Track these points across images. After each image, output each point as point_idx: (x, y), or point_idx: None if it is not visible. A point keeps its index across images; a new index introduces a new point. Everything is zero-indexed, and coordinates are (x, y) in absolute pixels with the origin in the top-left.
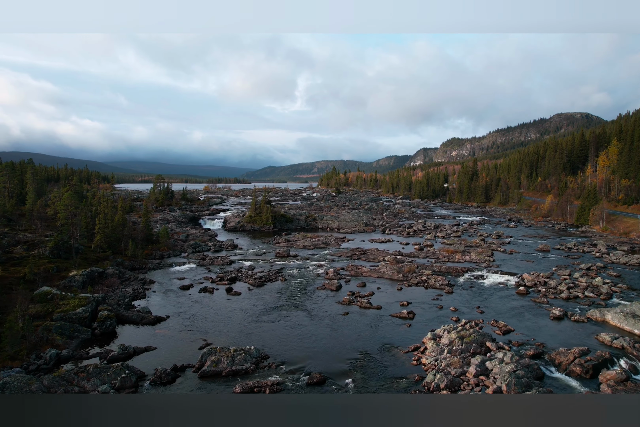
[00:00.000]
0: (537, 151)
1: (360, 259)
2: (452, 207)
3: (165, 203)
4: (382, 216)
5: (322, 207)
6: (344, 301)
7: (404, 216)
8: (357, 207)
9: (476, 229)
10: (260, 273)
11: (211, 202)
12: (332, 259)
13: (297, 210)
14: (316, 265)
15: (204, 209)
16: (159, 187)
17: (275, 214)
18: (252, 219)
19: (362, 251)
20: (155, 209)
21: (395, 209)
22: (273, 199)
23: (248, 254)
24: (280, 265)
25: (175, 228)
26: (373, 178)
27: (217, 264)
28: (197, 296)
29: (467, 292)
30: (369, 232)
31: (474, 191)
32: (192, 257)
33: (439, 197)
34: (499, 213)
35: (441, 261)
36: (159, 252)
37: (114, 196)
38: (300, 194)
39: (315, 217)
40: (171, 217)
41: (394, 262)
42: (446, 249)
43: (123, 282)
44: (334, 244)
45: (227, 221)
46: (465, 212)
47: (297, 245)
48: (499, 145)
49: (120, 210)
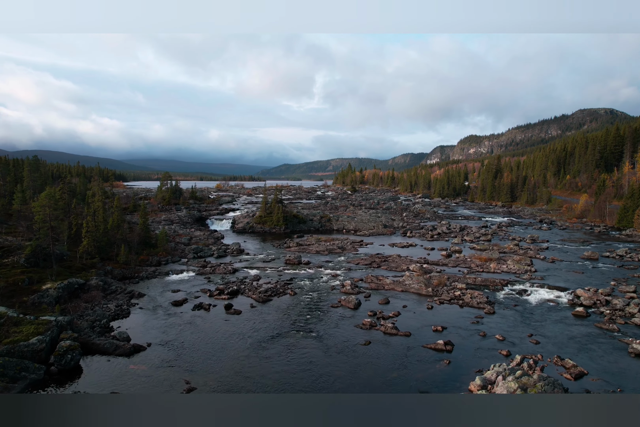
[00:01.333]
0: (565, 147)
1: (380, 268)
2: (475, 206)
3: (172, 202)
4: (402, 217)
5: (337, 206)
6: (365, 324)
7: (425, 216)
8: (374, 207)
9: (506, 232)
10: (267, 285)
11: (221, 201)
12: (349, 268)
13: (311, 209)
14: (331, 275)
15: (213, 208)
16: (167, 185)
17: (287, 215)
18: (262, 220)
19: (382, 258)
20: (161, 209)
21: (415, 208)
22: (286, 198)
23: (255, 260)
24: (290, 274)
25: (179, 230)
26: (390, 176)
27: (218, 273)
28: (189, 315)
29: (511, 313)
30: (388, 234)
31: (498, 190)
32: (193, 264)
33: (459, 195)
34: (528, 213)
35: (474, 270)
36: (157, 257)
37: (112, 195)
38: (314, 193)
39: (330, 217)
40: (176, 218)
41: (420, 273)
42: (478, 257)
43: (107, 296)
44: (350, 249)
45: (236, 222)
46: (490, 213)
47: (309, 250)
48: (518, 142)
49: (116, 210)
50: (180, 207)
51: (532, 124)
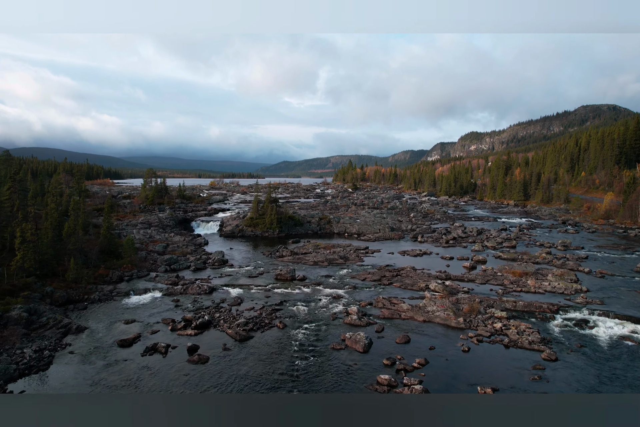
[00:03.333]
0: (578, 143)
1: (392, 285)
2: (486, 205)
3: (155, 202)
4: (410, 218)
5: (338, 206)
6: (381, 382)
7: (434, 217)
8: (378, 206)
9: (530, 236)
10: (249, 312)
11: (211, 200)
12: (354, 285)
13: (309, 210)
14: (331, 296)
15: (201, 208)
16: (150, 182)
17: (282, 216)
18: (253, 222)
19: (393, 271)
20: (143, 209)
21: (423, 208)
22: (282, 197)
23: (239, 275)
24: (281, 295)
25: (156, 234)
26: (392, 173)
27: (191, 293)
28: (135, 366)
29: (580, 359)
30: (396, 239)
31: (509, 188)
32: (162, 280)
33: (467, 193)
34: (546, 214)
35: (509, 289)
36: (119, 272)
37: (94, 194)
38: (313, 191)
39: (330, 219)
40: (155, 220)
41: (444, 294)
42: (511, 270)
43: (31, 333)
44: (354, 259)
45: (224, 224)
46: (504, 213)
47: (306, 260)
48: (520, 139)
49: (74, 213)
50: (164, 207)
51: (534, 121)
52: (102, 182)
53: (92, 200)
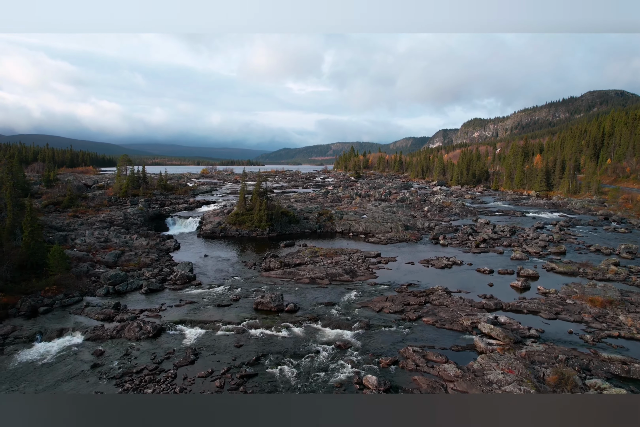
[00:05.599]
0: (601, 127)
1: (422, 319)
2: (506, 196)
3: (129, 193)
4: (424, 212)
5: (340, 197)
6: None
7: (452, 211)
8: (385, 198)
9: (576, 237)
10: (203, 382)
11: (197, 190)
12: (367, 322)
13: (307, 202)
14: (334, 344)
15: (182, 200)
16: (125, 171)
17: (273, 212)
18: (238, 219)
19: (420, 296)
20: (113, 202)
21: (437, 200)
22: (278, 186)
23: (205, 301)
24: (258, 343)
25: (113, 237)
26: (397, 160)
27: (127, 337)
28: None
29: None
30: (413, 241)
31: (529, 176)
32: (93, 312)
33: (480, 182)
34: (578, 207)
35: (598, 331)
36: (33, 299)
37: (66, 184)
38: (312, 179)
39: (331, 214)
40: (120, 217)
41: (506, 343)
42: (587, 297)
43: None
44: (364, 274)
45: (204, 222)
46: (529, 206)
47: (300, 276)
48: (524, 125)
49: None
50: (138, 200)
51: (539, 107)
52: (84, 169)
53: (55, 191)
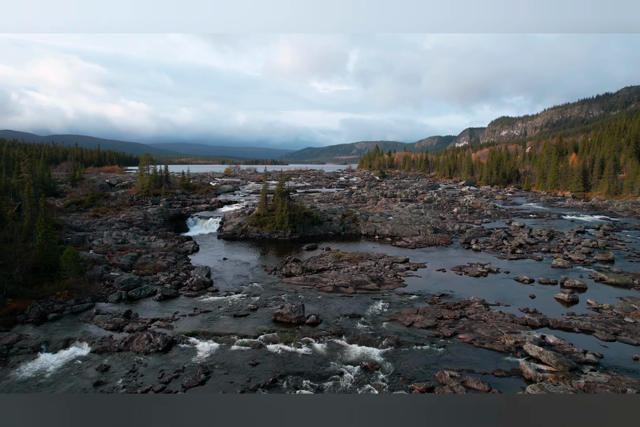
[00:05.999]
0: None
1: (458, 336)
2: (540, 197)
3: (151, 192)
4: (454, 214)
5: (365, 198)
6: None
7: (484, 213)
8: (412, 199)
9: (624, 243)
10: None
11: (219, 189)
12: (397, 338)
13: (331, 203)
14: (360, 365)
15: (203, 200)
16: (147, 170)
17: (296, 213)
18: (259, 220)
19: (454, 308)
20: (136, 201)
21: (467, 201)
22: (301, 186)
23: (221, 310)
24: (276, 360)
25: (131, 238)
26: (423, 159)
27: (135, 350)
28: None
29: None
30: (443, 245)
31: (564, 176)
32: (103, 321)
33: (510, 182)
34: (621, 209)
35: None
36: (43, 304)
37: (92, 182)
38: (336, 179)
39: (355, 216)
40: (140, 217)
41: (559, 370)
42: None
43: None
44: (391, 282)
45: (225, 222)
46: (566, 207)
47: (322, 283)
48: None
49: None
50: (159, 199)
51: (570, 104)
52: (110, 169)
53: (79, 190)
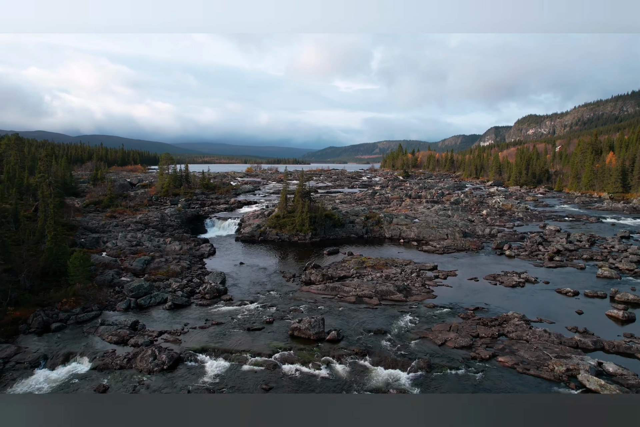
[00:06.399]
0: None
1: (497, 359)
2: (574, 199)
3: (170, 192)
4: (483, 216)
5: (389, 198)
6: None
7: (515, 215)
8: (438, 200)
9: None
10: None
11: (240, 189)
12: (428, 360)
13: (353, 204)
14: (388, 394)
15: (222, 200)
16: (167, 170)
17: (317, 214)
18: (279, 222)
19: (491, 325)
20: (154, 201)
21: (496, 203)
22: (322, 186)
23: (234, 322)
24: (290, 384)
25: (146, 240)
26: (448, 158)
27: (138, 368)
28: None
29: None
30: (473, 250)
31: (600, 177)
32: (107, 333)
33: (541, 183)
34: None
35: None
36: (47, 313)
37: (113, 182)
38: (359, 178)
39: (379, 218)
40: (156, 218)
41: None
42: None
43: None
44: (419, 292)
45: (243, 224)
46: (605, 210)
47: (344, 293)
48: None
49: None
50: (178, 199)
51: (603, 101)
52: (133, 168)
53: (98, 190)
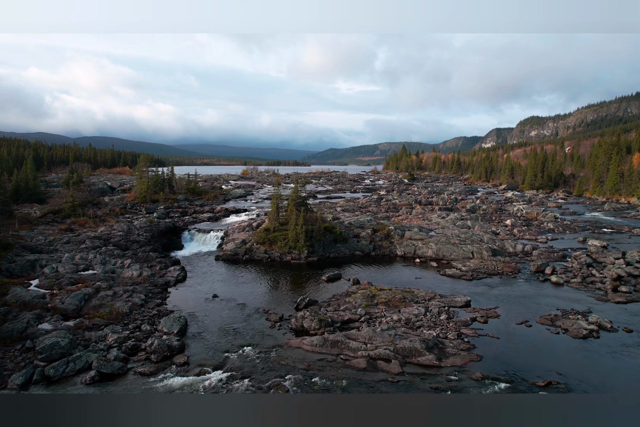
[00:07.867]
0: None
1: None
2: (603, 205)
3: (148, 198)
4: (508, 227)
5: (397, 205)
6: None
7: (544, 225)
8: (452, 206)
9: None
10: None
11: (230, 194)
12: None
13: (357, 212)
14: None
15: (207, 208)
16: (146, 173)
17: (314, 228)
18: (268, 237)
19: None
20: (127, 209)
21: (519, 211)
22: (322, 190)
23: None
24: None
25: (98, 262)
26: (455, 160)
27: None
28: None
29: None
30: (509, 274)
31: (627, 180)
32: None
33: (558, 186)
34: None
35: None
36: None
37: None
38: (361, 181)
39: (389, 230)
40: (121, 231)
41: None
42: None
43: None
44: (457, 351)
45: (226, 239)
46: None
47: (349, 351)
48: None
49: None
50: (156, 206)
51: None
52: (120, 170)
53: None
